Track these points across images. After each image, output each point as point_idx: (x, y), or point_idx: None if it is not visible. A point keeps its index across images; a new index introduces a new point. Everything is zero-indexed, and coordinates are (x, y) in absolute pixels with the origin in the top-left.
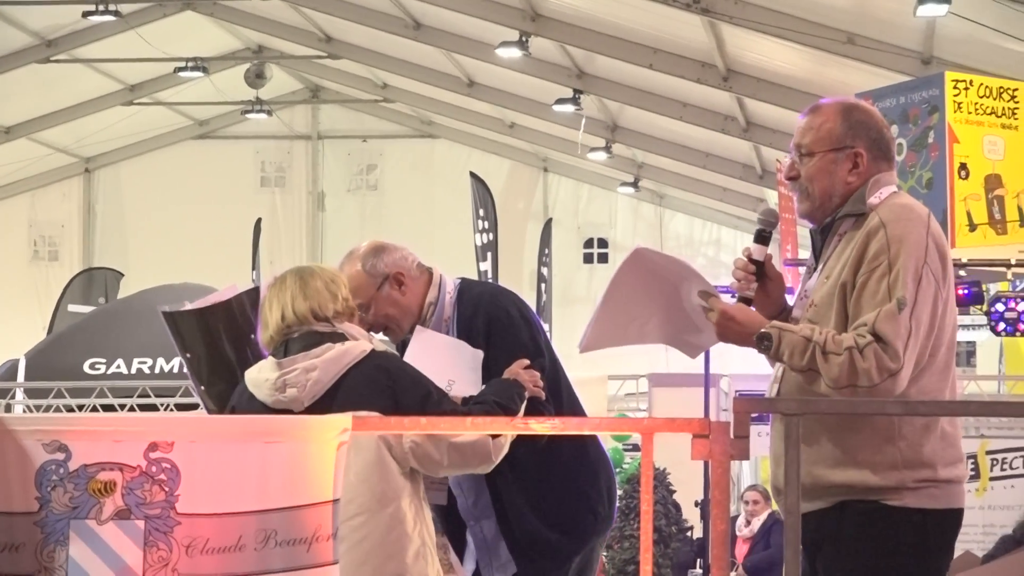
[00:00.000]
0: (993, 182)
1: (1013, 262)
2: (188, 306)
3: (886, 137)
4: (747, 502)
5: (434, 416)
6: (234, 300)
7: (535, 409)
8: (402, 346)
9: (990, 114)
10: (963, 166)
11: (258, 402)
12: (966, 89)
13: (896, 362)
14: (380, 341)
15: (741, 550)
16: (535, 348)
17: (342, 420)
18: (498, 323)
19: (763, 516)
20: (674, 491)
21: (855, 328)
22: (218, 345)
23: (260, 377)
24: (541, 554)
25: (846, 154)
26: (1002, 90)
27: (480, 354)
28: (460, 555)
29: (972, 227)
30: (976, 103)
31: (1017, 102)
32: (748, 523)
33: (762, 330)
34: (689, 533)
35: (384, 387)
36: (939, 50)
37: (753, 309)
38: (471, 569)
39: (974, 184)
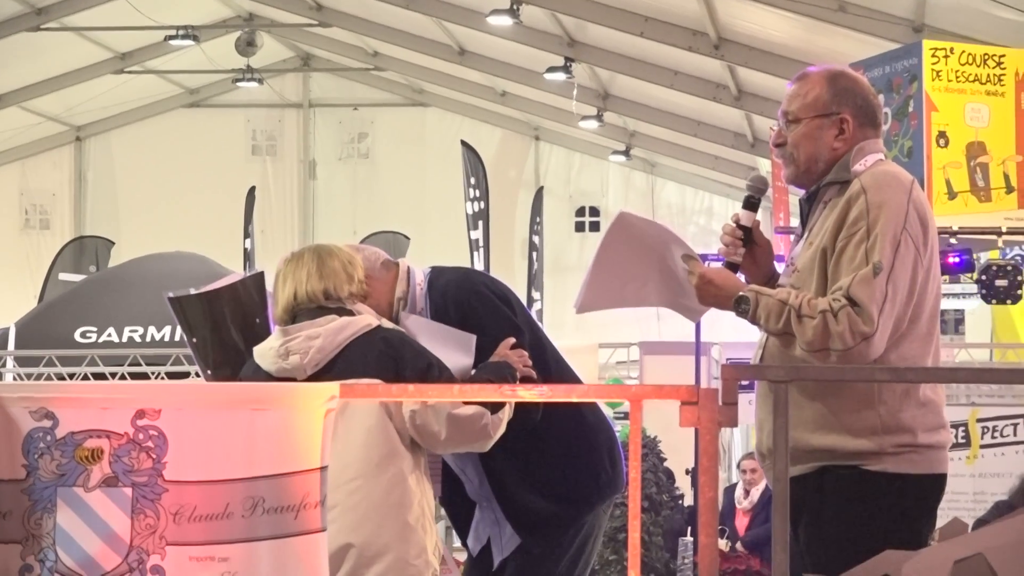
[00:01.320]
0: (976, 149)
1: (1004, 230)
2: (193, 291)
3: (872, 104)
4: (744, 471)
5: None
6: (239, 284)
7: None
8: None
9: (973, 81)
10: (942, 134)
11: (263, 372)
12: (946, 57)
13: (869, 326)
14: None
15: (742, 522)
16: (512, 326)
17: (330, 387)
18: (468, 307)
19: (761, 485)
20: (665, 459)
21: (831, 292)
22: (224, 329)
23: (266, 346)
24: (545, 525)
25: (832, 120)
26: (987, 56)
27: (472, 338)
28: (464, 534)
29: (952, 195)
30: (957, 71)
31: (1003, 68)
32: (747, 493)
33: (740, 293)
34: (681, 501)
35: (387, 357)
36: (931, 18)
37: (738, 274)
38: (478, 548)
39: (954, 152)
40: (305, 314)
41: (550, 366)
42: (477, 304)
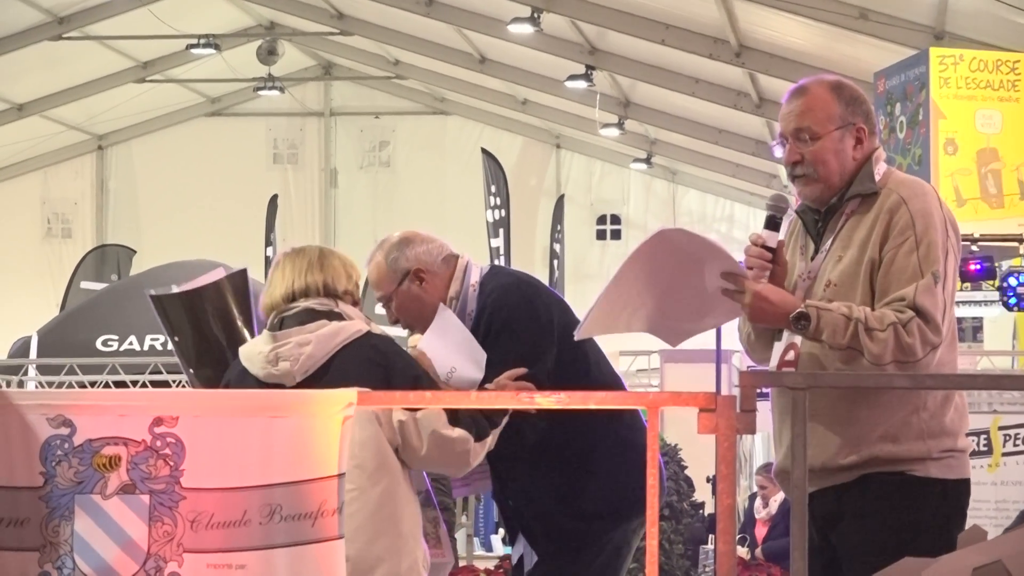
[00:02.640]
0: (987, 156)
1: None
2: (175, 289)
3: (873, 112)
4: (759, 486)
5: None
6: (221, 282)
7: (523, 417)
8: None
9: (985, 87)
10: (950, 141)
11: (251, 376)
12: (955, 64)
13: (938, 335)
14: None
15: (761, 532)
16: (531, 354)
17: (347, 395)
18: (493, 321)
19: (779, 497)
20: (686, 467)
21: (888, 303)
22: (205, 328)
23: (254, 350)
24: (560, 540)
25: (850, 131)
26: (1000, 62)
27: (484, 355)
28: (513, 540)
29: (960, 202)
30: (968, 77)
31: (1018, 74)
32: (766, 504)
33: (799, 310)
34: (701, 510)
35: (377, 366)
36: (951, 25)
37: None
38: (517, 556)
39: (964, 159)
40: (293, 318)
41: (583, 384)
42: (505, 319)
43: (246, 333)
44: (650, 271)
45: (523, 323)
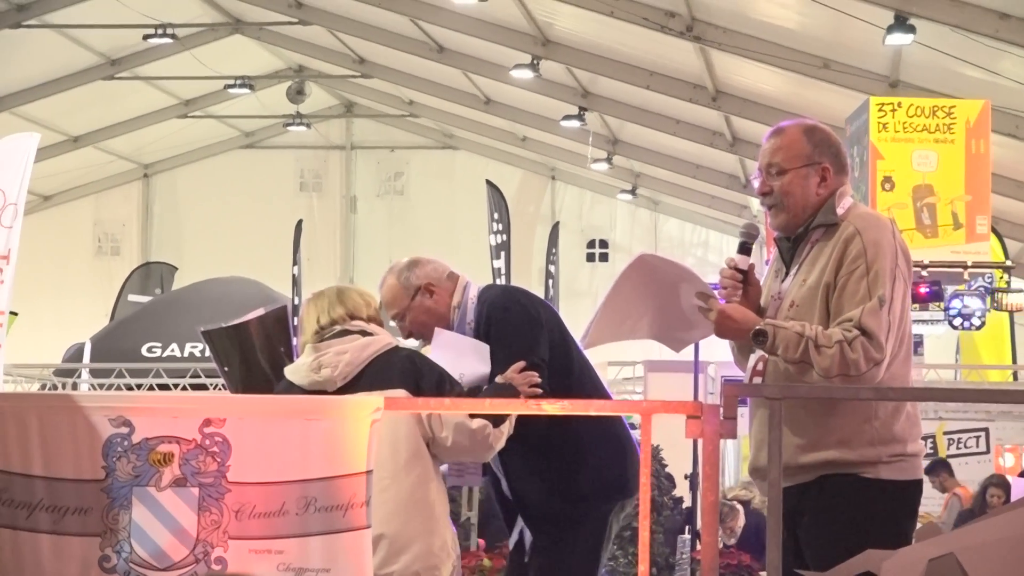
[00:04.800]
0: (923, 192)
1: (969, 264)
2: (223, 325)
3: (843, 152)
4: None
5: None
6: (264, 317)
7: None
8: None
9: (921, 131)
10: (887, 179)
11: (296, 388)
12: (893, 111)
13: (880, 353)
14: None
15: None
16: (528, 346)
17: (375, 400)
18: (491, 321)
19: (740, 523)
20: (667, 465)
21: (840, 323)
22: (251, 359)
23: (299, 363)
24: (555, 520)
25: (815, 169)
26: (936, 108)
27: (487, 348)
28: (511, 526)
29: None
30: (905, 122)
31: (953, 118)
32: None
33: (758, 327)
34: (680, 504)
35: (408, 371)
36: (905, 75)
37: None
38: (514, 540)
39: (900, 194)
40: (331, 338)
41: (572, 384)
42: (499, 318)
43: (289, 362)
44: (636, 289)
45: (515, 319)
